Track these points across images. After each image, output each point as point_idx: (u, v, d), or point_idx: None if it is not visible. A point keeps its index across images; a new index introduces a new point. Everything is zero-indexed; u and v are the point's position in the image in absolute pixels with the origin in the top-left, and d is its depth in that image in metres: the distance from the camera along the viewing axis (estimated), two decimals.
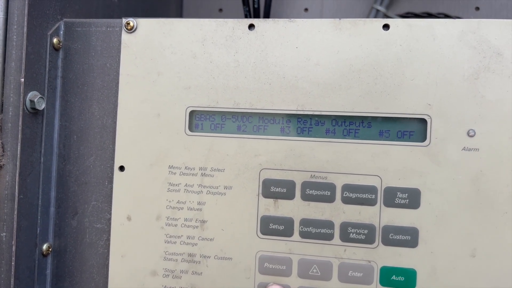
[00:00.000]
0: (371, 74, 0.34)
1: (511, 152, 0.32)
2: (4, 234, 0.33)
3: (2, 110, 0.33)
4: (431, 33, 0.33)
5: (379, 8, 0.58)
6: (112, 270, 0.37)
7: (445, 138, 0.33)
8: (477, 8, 0.59)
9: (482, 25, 0.32)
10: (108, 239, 0.38)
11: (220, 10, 0.67)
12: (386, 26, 0.34)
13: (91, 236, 0.38)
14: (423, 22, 0.33)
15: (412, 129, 0.33)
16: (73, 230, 0.39)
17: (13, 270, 0.33)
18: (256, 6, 0.59)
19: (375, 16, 0.58)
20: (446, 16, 0.58)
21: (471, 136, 0.32)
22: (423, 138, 0.33)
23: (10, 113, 0.33)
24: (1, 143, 0.33)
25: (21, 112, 0.33)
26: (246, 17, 0.60)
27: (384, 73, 0.33)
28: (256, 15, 0.59)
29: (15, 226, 0.33)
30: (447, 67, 0.33)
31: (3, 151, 0.33)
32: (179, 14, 0.68)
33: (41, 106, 0.36)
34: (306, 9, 0.63)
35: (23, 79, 0.33)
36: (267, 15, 0.59)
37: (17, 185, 0.33)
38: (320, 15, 0.63)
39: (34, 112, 0.36)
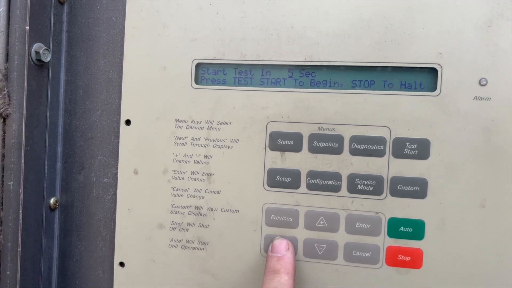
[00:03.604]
0: (381, 23, 0.33)
1: None
2: (12, 183, 0.33)
3: (7, 59, 0.33)
4: None
5: None
6: (119, 224, 0.37)
7: (456, 87, 0.32)
8: None
9: None
10: (115, 194, 0.38)
11: None
12: None
13: (98, 190, 0.38)
14: None
15: (422, 78, 0.33)
16: (80, 185, 0.39)
17: (20, 218, 0.33)
18: None
19: None
20: None
21: (483, 85, 0.32)
22: (434, 88, 0.32)
23: (16, 62, 0.33)
24: (7, 92, 0.33)
25: (26, 61, 0.33)
26: None
27: (394, 22, 0.33)
28: None
29: (22, 175, 0.33)
30: (459, 14, 0.32)
31: (9, 100, 0.33)
32: None
33: (47, 58, 0.35)
34: None
35: (28, 27, 0.33)
36: None
37: (23, 135, 0.33)
38: None
39: (40, 65, 0.35)
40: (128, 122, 0.37)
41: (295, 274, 0.32)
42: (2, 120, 0.33)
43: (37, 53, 0.34)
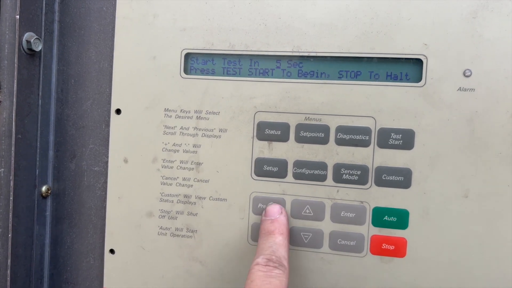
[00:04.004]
0: (367, 13, 0.33)
1: (507, 92, 0.31)
2: (2, 169, 0.33)
3: None
4: None
5: None
6: (109, 211, 0.38)
7: (441, 78, 0.32)
8: None
9: None
10: (106, 182, 0.38)
11: None
12: None
13: (89, 178, 0.39)
14: None
15: (407, 69, 0.33)
16: (71, 173, 0.39)
17: (11, 205, 0.34)
18: None
19: None
20: None
21: (467, 76, 0.32)
22: (419, 79, 0.33)
23: (6, 51, 0.33)
24: None
25: (16, 50, 0.33)
26: None
27: (381, 13, 0.33)
28: None
29: (12, 162, 0.34)
30: (445, 5, 0.32)
31: (0, 88, 0.33)
32: None
33: (38, 47, 0.36)
34: None
35: (18, 16, 0.33)
36: None
37: (14, 123, 0.34)
38: None
39: (31, 54, 0.36)
40: (118, 112, 0.37)
41: (289, 237, 0.33)
42: None
43: (28, 42, 0.35)
